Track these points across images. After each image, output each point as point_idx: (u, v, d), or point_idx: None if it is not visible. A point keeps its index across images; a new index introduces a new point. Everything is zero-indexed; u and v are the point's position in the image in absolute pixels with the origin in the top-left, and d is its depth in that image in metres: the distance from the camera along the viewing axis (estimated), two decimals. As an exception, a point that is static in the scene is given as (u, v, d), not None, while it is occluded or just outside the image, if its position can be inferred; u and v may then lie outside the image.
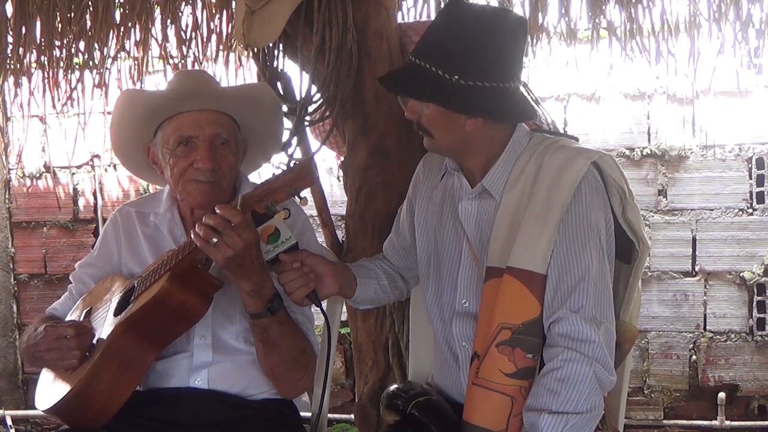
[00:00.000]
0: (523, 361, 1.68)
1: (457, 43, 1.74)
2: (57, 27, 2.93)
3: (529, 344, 1.68)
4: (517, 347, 1.68)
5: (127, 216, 2.18)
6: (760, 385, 3.78)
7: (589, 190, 1.74)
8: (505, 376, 1.69)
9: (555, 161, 1.77)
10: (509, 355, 1.68)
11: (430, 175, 2.03)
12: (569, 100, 3.88)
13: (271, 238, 1.81)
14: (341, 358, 4.15)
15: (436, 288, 1.95)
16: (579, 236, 1.71)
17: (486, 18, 1.76)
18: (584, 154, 1.79)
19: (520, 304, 1.68)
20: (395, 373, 2.58)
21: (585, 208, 1.73)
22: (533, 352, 1.68)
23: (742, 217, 3.74)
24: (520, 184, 1.79)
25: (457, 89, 1.72)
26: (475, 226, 1.87)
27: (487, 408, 1.70)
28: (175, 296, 1.84)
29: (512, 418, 1.68)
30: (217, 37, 3.03)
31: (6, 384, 4.59)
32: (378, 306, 2.26)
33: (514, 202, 1.78)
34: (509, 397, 1.68)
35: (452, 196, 1.94)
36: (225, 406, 2.00)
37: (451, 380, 1.92)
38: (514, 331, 1.68)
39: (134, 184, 4.38)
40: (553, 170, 1.76)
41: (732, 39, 2.82)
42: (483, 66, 1.73)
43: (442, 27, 1.79)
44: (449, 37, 1.75)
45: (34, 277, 4.58)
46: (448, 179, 1.96)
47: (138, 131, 2.09)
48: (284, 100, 2.55)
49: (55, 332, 1.95)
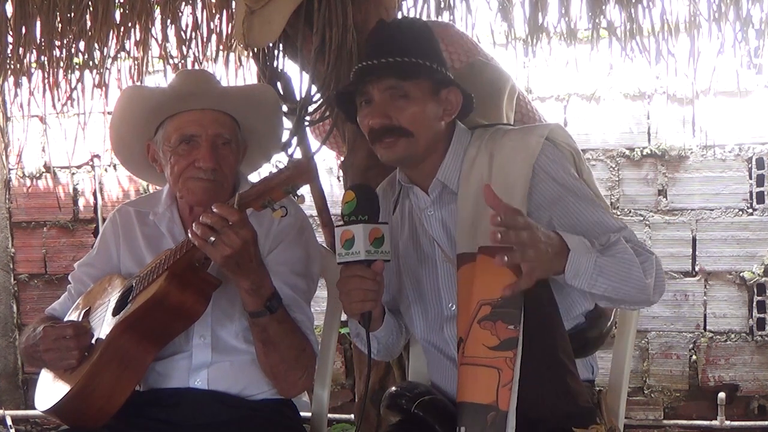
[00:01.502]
0: (505, 333, 1.69)
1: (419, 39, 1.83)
2: (57, 27, 2.93)
3: (510, 316, 1.69)
4: (498, 320, 1.69)
5: (126, 215, 2.18)
6: (760, 385, 3.77)
7: (549, 150, 1.80)
8: (489, 350, 1.69)
9: (507, 143, 1.83)
10: (491, 329, 1.70)
11: (385, 203, 2.00)
12: (569, 100, 3.88)
13: (376, 242, 1.73)
14: (341, 358, 4.15)
15: (419, 304, 1.95)
16: (562, 192, 1.76)
17: (414, 21, 1.95)
18: (535, 131, 1.84)
19: (497, 278, 1.66)
20: (395, 373, 2.58)
21: (557, 163, 1.79)
22: (514, 323, 1.68)
23: (742, 217, 3.73)
24: (474, 174, 1.82)
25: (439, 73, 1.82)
26: (442, 229, 1.89)
27: (476, 383, 1.71)
28: (173, 295, 1.84)
29: (501, 389, 1.68)
30: (217, 37, 3.02)
31: (6, 384, 4.59)
32: (388, 358, 2.17)
33: (473, 189, 1.80)
34: (495, 369, 1.68)
35: (411, 212, 1.96)
36: (225, 406, 2.00)
37: (451, 382, 1.91)
38: (494, 305, 1.69)
39: (134, 184, 4.38)
40: (506, 151, 1.81)
41: (732, 39, 2.82)
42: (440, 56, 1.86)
43: (394, 33, 1.86)
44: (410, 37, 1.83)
45: (34, 277, 4.58)
46: (403, 199, 1.98)
47: (139, 128, 2.09)
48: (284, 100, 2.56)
49: (54, 332, 1.95)
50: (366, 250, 1.71)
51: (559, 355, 1.71)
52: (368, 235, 1.71)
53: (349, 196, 1.75)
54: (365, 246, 1.71)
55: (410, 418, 1.90)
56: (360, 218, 1.73)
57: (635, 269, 1.66)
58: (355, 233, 1.71)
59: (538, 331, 1.69)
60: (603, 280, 1.64)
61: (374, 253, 1.72)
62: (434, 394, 1.92)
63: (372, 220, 1.74)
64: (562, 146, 1.85)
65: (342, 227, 1.74)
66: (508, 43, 2.98)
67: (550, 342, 1.71)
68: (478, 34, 2.90)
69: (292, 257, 2.05)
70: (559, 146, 1.84)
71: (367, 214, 1.73)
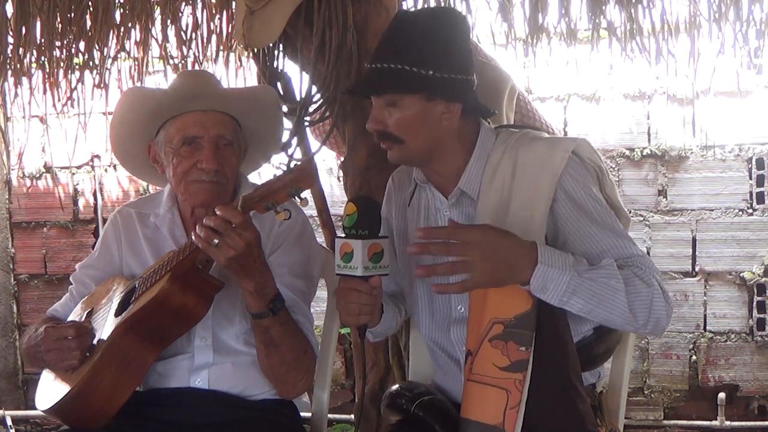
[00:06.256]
0: (516, 354, 1.68)
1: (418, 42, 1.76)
2: (57, 27, 2.93)
3: (522, 337, 1.68)
4: (510, 341, 1.68)
5: (128, 217, 2.18)
6: (760, 386, 3.78)
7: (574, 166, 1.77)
8: (499, 370, 1.68)
9: (532, 155, 1.79)
10: (502, 348, 1.68)
11: (400, 192, 2.02)
12: (569, 100, 3.88)
13: (375, 257, 1.72)
14: (341, 358, 4.15)
15: (428, 302, 1.95)
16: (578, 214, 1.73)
17: (435, 16, 1.82)
18: (561, 146, 1.81)
19: (512, 298, 1.67)
20: (395, 373, 2.59)
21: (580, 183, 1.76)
22: (526, 345, 1.68)
23: (742, 218, 3.74)
24: (497, 181, 1.80)
25: (434, 81, 1.75)
26: None
27: (484, 402, 1.70)
28: (175, 297, 1.84)
29: (508, 411, 1.67)
30: (217, 37, 3.03)
31: (6, 384, 4.58)
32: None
33: (494, 200, 1.79)
34: (504, 390, 1.68)
35: (427, 209, 1.94)
36: (225, 406, 2.00)
37: (454, 383, 1.91)
38: (506, 325, 1.68)
39: (134, 184, 4.38)
40: (532, 165, 1.78)
41: (732, 39, 2.82)
42: (448, 59, 1.77)
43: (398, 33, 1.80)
44: (411, 39, 1.77)
45: (34, 277, 4.57)
46: (420, 194, 1.96)
47: (141, 129, 2.09)
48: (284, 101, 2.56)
49: (55, 333, 1.95)
50: (364, 266, 1.72)
51: (571, 378, 1.70)
52: (367, 251, 1.71)
53: (351, 209, 1.74)
54: (363, 262, 1.71)
55: (410, 418, 1.89)
56: (360, 233, 1.72)
57: (618, 296, 1.62)
58: (354, 248, 1.72)
59: (551, 354, 1.67)
60: (577, 299, 1.61)
61: (372, 268, 1.72)
62: (434, 395, 1.92)
63: (372, 234, 1.73)
64: (587, 163, 1.82)
65: (342, 239, 1.74)
66: (508, 44, 2.98)
67: (562, 364, 1.70)
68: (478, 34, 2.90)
69: (293, 259, 2.06)
70: (584, 162, 1.81)
71: (367, 228, 1.73)
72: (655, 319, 1.65)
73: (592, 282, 1.62)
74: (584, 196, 1.76)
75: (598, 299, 1.62)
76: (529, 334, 1.68)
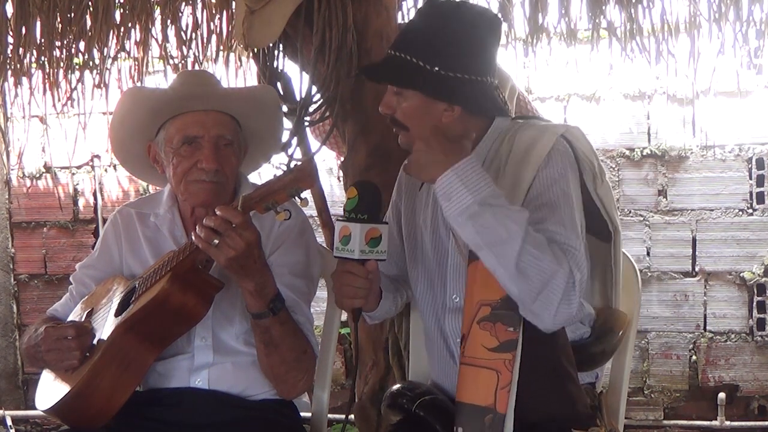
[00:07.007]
0: (505, 335, 1.68)
1: (437, 36, 1.76)
2: (57, 27, 2.93)
3: (510, 318, 1.68)
4: (497, 322, 1.68)
5: (128, 217, 2.18)
6: (760, 386, 3.78)
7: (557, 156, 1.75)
8: (488, 351, 1.69)
9: (524, 138, 1.80)
10: (491, 330, 1.69)
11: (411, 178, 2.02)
12: (569, 100, 3.88)
13: (372, 242, 1.73)
14: (341, 358, 4.15)
15: (428, 285, 1.95)
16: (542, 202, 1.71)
17: (465, 13, 1.80)
18: (552, 129, 1.81)
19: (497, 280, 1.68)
20: (395, 373, 2.58)
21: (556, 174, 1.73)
22: (514, 326, 1.68)
23: (742, 218, 3.74)
24: (494, 166, 1.81)
25: (437, 78, 1.75)
26: None
27: (476, 385, 1.71)
28: (175, 297, 1.84)
29: (499, 391, 1.67)
30: (217, 37, 3.03)
31: (6, 384, 4.59)
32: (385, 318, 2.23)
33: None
34: (494, 371, 1.68)
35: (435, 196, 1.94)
36: (225, 406, 2.00)
37: (449, 378, 1.91)
38: (493, 306, 1.69)
39: (134, 184, 4.38)
40: (522, 147, 1.78)
41: (732, 39, 2.82)
42: (462, 59, 1.77)
43: (423, 21, 1.81)
44: (430, 31, 1.77)
45: (34, 277, 4.57)
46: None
47: (141, 129, 2.09)
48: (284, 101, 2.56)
49: (55, 333, 1.95)
50: (360, 250, 1.73)
51: (561, 360, 1.71)
52: (365, 235, 1.73)
53: (352, 192, 1.76)
54: (360, 246, 1.72)
55: (411, 418, 1.90)
56: (359, 217, 1.74)
57: (510, 245, 1.57)
58: (352, 231, 1.73)
59: (540, 335, 1.67)
60: (470, 228, 1.60)
61: (369, 252, 1.74)
62: (435, 394, 1.92)
63: (371, 219, 1.74)
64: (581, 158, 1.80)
65: (341, 222, 1.76)
66: (508, 43, 2.98)
67: (552, 345, 1.70)
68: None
69: (293, 259, 2.06)
70: (577, 155, 1.79)
71: (367, 213, 1.74)
72: (546, 299, 1.60)
73: (493, 218, 1.59)
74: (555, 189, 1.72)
75: (490, 237, 1.59)
76: (517, 315, 1.68)
